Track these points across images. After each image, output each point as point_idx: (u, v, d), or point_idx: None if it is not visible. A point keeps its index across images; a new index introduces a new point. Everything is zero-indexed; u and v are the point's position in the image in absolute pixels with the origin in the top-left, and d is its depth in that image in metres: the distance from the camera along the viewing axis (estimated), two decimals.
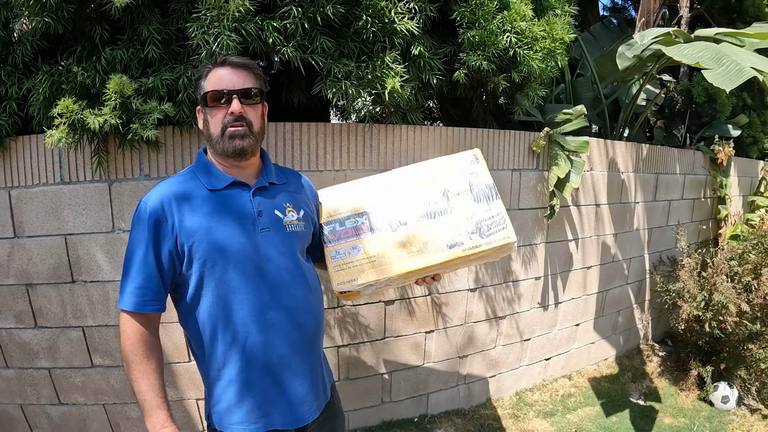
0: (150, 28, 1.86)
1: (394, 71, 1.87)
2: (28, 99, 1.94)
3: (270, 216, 1.28)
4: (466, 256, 1.39)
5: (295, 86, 2.23)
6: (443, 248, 1.39)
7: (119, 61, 1.88)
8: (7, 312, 2.19)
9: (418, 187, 1.46)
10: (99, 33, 1.90)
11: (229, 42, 1.69)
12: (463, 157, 1.50)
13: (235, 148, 1.22)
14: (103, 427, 2.36)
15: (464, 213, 1.41)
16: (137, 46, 1.91)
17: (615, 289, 3.40)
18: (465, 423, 2.74)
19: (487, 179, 1.46)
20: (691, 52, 2.40)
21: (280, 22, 1.77)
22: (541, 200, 2.74)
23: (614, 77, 3.34)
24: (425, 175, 1.48)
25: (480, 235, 1.39)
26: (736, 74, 2.18)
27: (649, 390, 3.21)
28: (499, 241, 1.39)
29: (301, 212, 1.36)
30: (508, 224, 1.41)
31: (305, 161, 2.20)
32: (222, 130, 1.22)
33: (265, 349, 1.25)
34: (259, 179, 1.31)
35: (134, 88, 1.78)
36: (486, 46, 2.02)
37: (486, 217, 1.40)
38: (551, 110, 2.85)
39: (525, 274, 2.84)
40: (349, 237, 1.42)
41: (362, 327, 2.49)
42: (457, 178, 1.46)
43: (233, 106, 1.20)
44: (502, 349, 2.93)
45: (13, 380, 2.29)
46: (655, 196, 3.47)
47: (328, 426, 1.48)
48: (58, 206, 2.07)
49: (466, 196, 1.43)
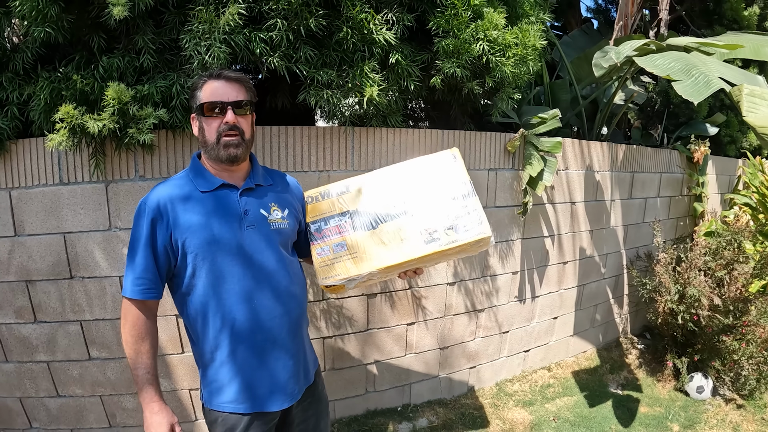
0: (145, 38, 1.97)
1: (372, 80, 2.00)
2: (28, 104, 2.04)
3: (255, 214, 1.42)
4: (443, 251, 1.48)
5: (280, 92, 2.36)
6: (421, 243, 1.48)
7: (116, 68, 1.99)
8: (7, 308, 2.29)
9: (398, 187, 1.54)
10: (96, 42, 2.02)
11: (219, 53, 1.81)
12: (441, 156, 1.57)
13: (228, 156, 1.36)
14: (99, 417, 2.47)
15: (442, 210, 1.50)
16: (132, 54, 2.02)
17: (592, 283, 3.54)
18: (446, 412, 2.87)
19: (464, 177, 1.54)
20: (663, 63, 2.51)
21: (267, 33, 1.89)
22: (516, 198, 2.88)
23: (591, 79, 3.48)
24: (405, 175, 1.56)
25: (456, 231, 1.47)
26: (704, 86, 2.29)
27: (627, 381, 3.35)
28: (475, 236, 1.47)
29: (285, 211, 1.49)
30: (483, 220, 1.49)
31: (290, 162, 2.33)
32: (217, 138, 1.35)
33: (251, 333, 1.39)
34: (247, 181, 1.44)
35: (131, 95, 1.90)
36: (460, 53, 2.14)
37: (462, 214, 1.48)
38: (528, 112, 2.98)
39: (502, 268, 2.98)
40: (333, 235, 1.53)
41: (346, 319, 2.62)
42: (435, 177, 1.54)
43: (228, 117, 1.33)
44: (481, 341, 3.06)
45: (12, 374, 2.39)
46: (631, 194, 3.61)
47: (313, 410, 1.61)
48: (57, 206, 2.18)
49: (444, 194, 1.51)
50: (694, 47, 2.82)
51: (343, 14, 1.99)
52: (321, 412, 1.66)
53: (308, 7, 1.90)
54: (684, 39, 2.96)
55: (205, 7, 1.85)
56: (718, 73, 2.44)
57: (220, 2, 1.87)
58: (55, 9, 1.82)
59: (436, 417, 2.83)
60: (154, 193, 1.37)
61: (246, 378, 1.40)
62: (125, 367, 2.38)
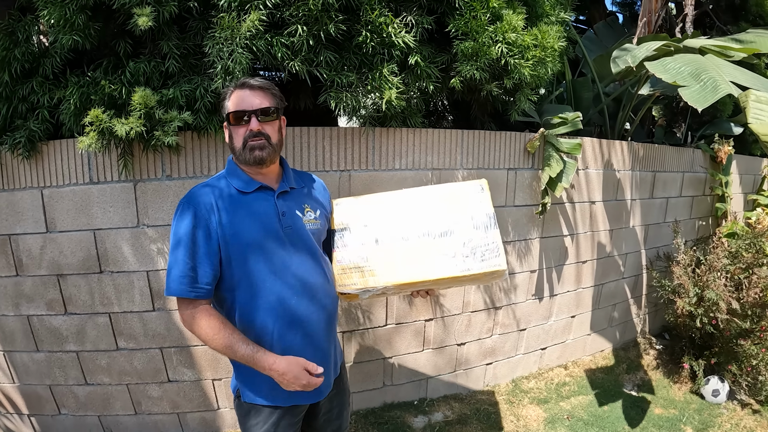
0: (170, 44, 2.04)
1: (391, 83, 2.02)
2: (58, 107, 2.12)
3: (292, 216, 1.48)
4: (457, 277, 1.51)
5: (302, 93, 2.39)
6: (438, 266, 1.51)
7: (142, 73, 2.05)
8: (39, 300, 2.40)
9: (424, 209, 1.59)
10: (123, 47, 2.09)
11: (241, 58, 1.86)
12: (469, 185, 1.61)
13: (255, 158, 1.40)
14: (125, 405, 2.57)
15: (462, 237, 1.52)
16: (158, 59, 2.09)
17: (611, 283, 3.53)
18: (462, 407, 2.92)
19: (488, 209, 1.56)
20: (673, 67, 2.46)
21: (288, 38, 1.93)
22: (535, 197, 2.88)
23: (614, 77, 3.43)
24: (432, 198, 1.61)
25: (473, 259, 1.50)
26: (711, 92, 2.23)
27: (643, 382, 3.34)
28: (491, 267, 1.49)
29: (317, 212, 1.56)
30: (501, 253, 1.50)
31: (313, 162, 2.37)
32: (243, 144, 1.40)
33: (288, 329, 1.44)
34: (281, 184, 1.50)
35: (156, 99, 1.96)
36: (479, 56, 2.15)
37: (482, 244, 1.51)
38: (549, 111, 2.97)
39: (520, 267, 2.99)
40: (354, 245, 1.58)
41: (366, 314, 2.67)
42: (460, 205, 1.57)
43: (252, 124, 1.39)
44: (498, 337, 3.09)
45: (42, 363, 2.50)
46: (653, 194, 3.58)
47: (337, 400, 1.69)
48: (87, 204, 2.27)
49: (467, 222, 1.54)
50: (709, 49, 2.76)
51: (362, 18, 2.02)
52: (344, 403, 1.74)
53: (328, 12, 1.93)
54: (699, 41, 2.90)
55: (227, 14, 1.90)
56: (730, 77, 2.37)
57: (241, 9, 1.92)
58: (82, 18, 1.89)
59: (451, 411, 2.87)
60: (198, 191, 1.41)
61: None
62: (151, 357, 2.47)
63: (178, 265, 1.34)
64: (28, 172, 2.27)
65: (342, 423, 1.75)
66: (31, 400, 2.61)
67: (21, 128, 2.16)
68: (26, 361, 2.52)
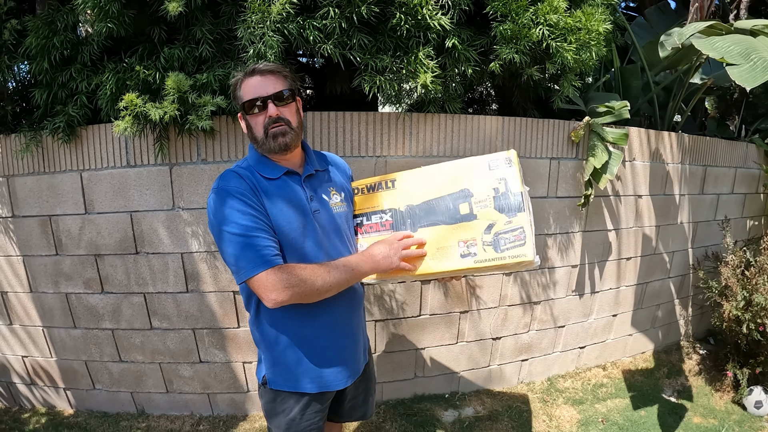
0: (203, 29, 2.04)
1: (426, 66, 1.94)
2: (96, 93, 2.15)
3: (319, 200, 1.43)
4: (477, 268, 1.35)
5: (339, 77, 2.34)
6: (456, 256, 1.36)
7: (176, 59, 2.06)
8: (77, 279, 2.45)
9: (444, 189, 1.41)
10: (158, 34, 2.10)
11: (272, 42, 1.82)
12: (495, 158, 1.38)
13: (279, 145, 1.35)
14: (157, 383, 2.61)
15: (485, 221, 1.34)
16: (192, 45, 2.09)
17: (656, 282, 3.36)
18: (494, 403, 2.83)
19: (516, 187, 1.34)
20: (722, 46, 2.30)
21: (321, 21, 1.87)
22: (578, 189, 2.75)
23: (663, 65, 3.25)
24: (452, 176, 1.41)
25: (495, 248, 1.32)
26: (761, 71, 2.07)
27: (683, 387, 3.17)
28: (513, 258, 1.30)
29: (342, 194, 1.51)
30: (528, 241, 1.30)
31: (348, 147, 2.32)
32: (265, 132, 1.35)
33: (318, 315, 1.40)
34: (306, 167, 1.45)
35: (190, 84, 1.96)
36: (518, 39, 2.04)
37: (506, 230, 1.31)
38: (595, 99, 2.83)
39: (561, 261, 2.87)
40: (372, 232, 1.50)
41: (399, 304, 2.61)
42: (484, 182, 1.37)
43: (270, 111, 1.32)
44: (535, 333, 2.98)
45: (79, 339, 2.56)
46: (703, 189, 3.38)
47: (363, 386, 1.67)
48: (124, 186, 2.30)
49: (490, 203, 1.35)
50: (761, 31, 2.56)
51: (396, 0, 1.94)
52: (370, 389, 1.71)
53: None
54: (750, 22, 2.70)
55: None
56: None
57: None
58: (116, 5, 1.90)
59: (482, 407, 2.80)
60: (233, 172, 1.34)
61: (313, 359, 1.42)
62: (184, 337, 2.50)
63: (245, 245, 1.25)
64: (68, 156, 2.32)
65: (367, 410, 1.71)
66: (67, 374, 2.69)
67: (60, 113, 2.21)
68: (64, 337, 2.58)
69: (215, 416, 2.68)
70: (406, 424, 2.61)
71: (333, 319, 1.42)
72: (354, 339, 1.50)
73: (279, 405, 1.44)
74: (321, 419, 1.49)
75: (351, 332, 1.49)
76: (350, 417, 1.70)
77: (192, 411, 2.69)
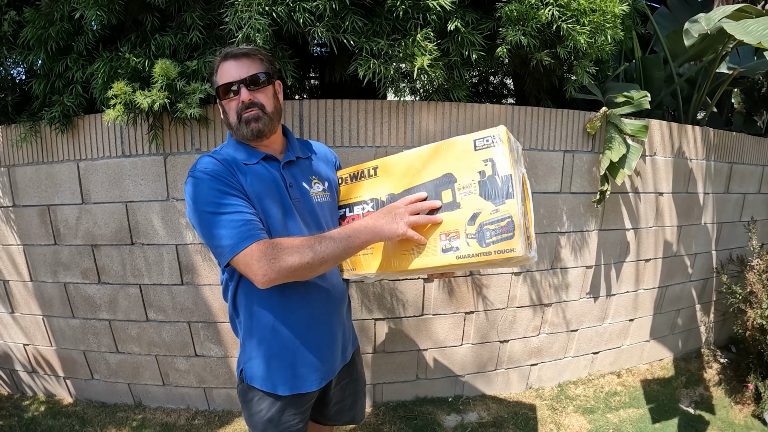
0: (193, 15, 1.99)
1: (425, 49, 1.83)
2: (91, 82, 2.12)
3: (299, 188, 1.34)
4: (459, 264, 1.17)
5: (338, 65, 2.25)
6: (437, 251, 1.19)
7: (168, 46, 2.02)
8: (75, 268, 2.43)
9: (426, 175, 1.25)
10: (150, 21, 2.06)
11: (258, 25, 1.74)
12: (481, 136, 1.18)
13: (252, 131, 1.27)
14: (154, 375, 2.57)
15: (469, 210, 1.16)
16: (184, 32, 2.04)
17: (676, 285, 3.18)
18: (499, 408, 2.71)
19: (504, 169, 1.13)
20: (756, 30, 2.12)
21: (312, 3, 1.78)
22: (594, 185, 2.61)
23: (687, 56, 3.06)
24: (435, 160, 1.24)
25: (479, 242, 1.13)
26: None
27: (702, 398, 2.99)
28: (499, 253, 1.11)
29: (326, 183, 1.41)
30: (516, 233, 1.10)
31: (346, 137, 2.23)
32: (238, 117, 1.27)
33: (293, 309, 1.31)
34: (287, 154, 1.37)
35: (178, 71, 1.91)
36: (525, 20, 1.92)
37: (491, 220, 1.13)
38: (614, 89, 2.67)
39: (575, 261, 2.73)
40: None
41: (401, 302, 2.51)
42: (468, 165, 1.18)
43: (242, 95, 1.25)
44: (546, 337, 2.85)
45: (78, 329, 2.54)
46: (728, 188, 3.18)
47: (350, 389, 1.57)
48: (119, 176, 2.26)
49: (474, 189, 1.16)
50: None
51: None
52: (358, 392, 1.62)
53: None
54: None
55: None
56: None
57: None
58: None
59: (487, 412, 2.68)
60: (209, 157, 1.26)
61: (286, 356, 1.33)
62: (179, 330, 2.45)
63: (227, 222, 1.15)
64: (65, 146, 2.30)
65: (356, 414, 1.62)
66: (66, 363, 2.67)
67: (56, 103, 2.19)
68: (63, 327, 2.57)
69: (211, 411, 2.62)
70: (405, 428, 2.51)
71: (310, 313, 1.33)
72: (332, 337, 1.40)
73: (255, 405, 1.36)
74: (301, 421, 1.40)
75: (329, 330, 1.39)
76: (338, 420, 1.61)
77: (188, 405, 2.64)
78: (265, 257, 1.12)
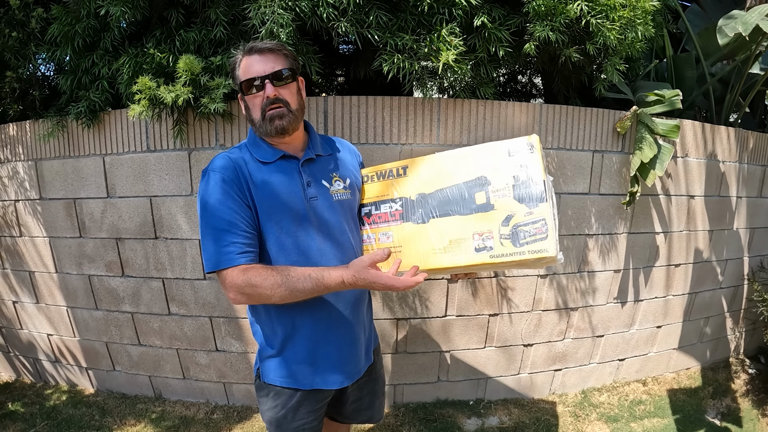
0: (217, 11, 1.99)
1: (450, 44, 1.79)
2: (116, 78, 2.14)
3: (318, 186, 1.32)
4: (493, 264, 1.22)
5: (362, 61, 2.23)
6: (470, 250, 1.23)
7: (192, 42, 2.03)
8: (99, 261, 2.45)
9: (459, 176, 1.28)
10: (175, 17, 2.07)
11: (281, 19, 1.73)
12: (515, 144, 1.24)
13: (276, 128, 1.26)
14: (174, 368, 2.58)
15: (503, 212, 1.21)
16: (209, 27, 2.04)
17: (705, 292, 3.08)
18: (521, 413, 2.65)
19: (538, 175, 1.20)
20: None
21: None
22: (624, 186, 2.53)
23: (720, 54, 2.96)
24: (469, 163, 1.28)
25: (513, 242, 1.19)
26: None
27: (729, 410, 2.88)
28: (533, 253, 1.17)
29: (347, 181, 1.39)
30: (550, 234, 1.17)
31: (371, 134, 2.21)
32: (262, 114, 1.26)
33: (314, 308, 1.30)
34: (306, 152, 1.35)
35: (202, 66, 1.91)
36: (553, 15, 1.87)
37: (526, 222, 1.19)
38: (644, 88, 2.60)
39: (602, 265, 2.66)
40: (381, 222, 1.38)
41: (423, 302, 2.48)
42: (503, 170, 1.24)
43: (267, 91, 1.23)
44: (571, 342, 2.78)
45: (101, 320, 2.57)
46: (761, 192, 3.07)
47: (368, 389, 1.55)
48: (144, 171, 2.27)
49: (509, 193, 1.22)
50: None
51: None
52: (377, 392, 1.60)
53: None
54: None
55: None
56: None
57: None
58: None
59: (508, 417, 2.62)
60: (223, 157, 1.27)
61: (308, 354, 1.33)
62: (201, 324, 2.45)
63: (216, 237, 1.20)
64: (92, 140, 2.33)
65: (373, 413, 1.60)
66: (89, 354, 2.70)
67: (83, 98, 2.22)
68: (86, 318, 2.60)
69: (230, 406, 2.62)
70: (424, 430, 2.47)
71: (328, 315, 1.32)
72: (353, 336, 1.38)
73: (271, 399, 1.36)
74: (315, 419, 1.38)
75: (349, 329, 1.37)
76: (355, 419, 1.59)
77: (208, 399, 2.65)
78: (234, 287, 1.19)
